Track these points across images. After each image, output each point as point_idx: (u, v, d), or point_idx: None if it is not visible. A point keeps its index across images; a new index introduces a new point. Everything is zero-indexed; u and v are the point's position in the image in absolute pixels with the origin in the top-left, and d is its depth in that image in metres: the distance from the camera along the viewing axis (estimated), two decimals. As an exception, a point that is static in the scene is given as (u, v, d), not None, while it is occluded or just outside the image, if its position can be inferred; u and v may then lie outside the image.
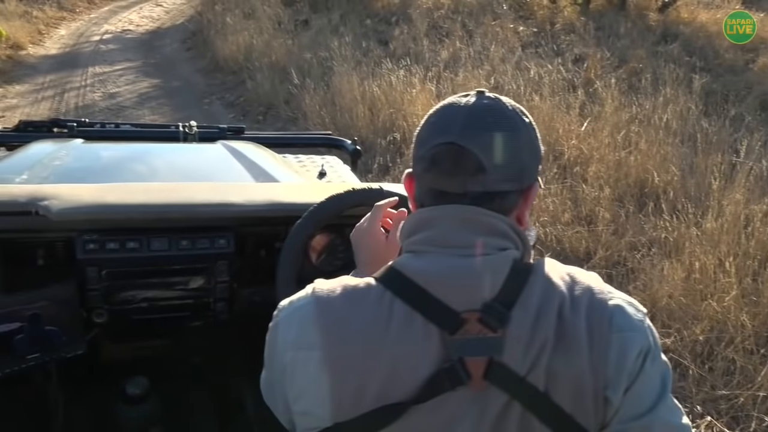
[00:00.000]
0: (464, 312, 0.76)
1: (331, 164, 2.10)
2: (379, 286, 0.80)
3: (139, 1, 13.63)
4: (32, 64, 7.70)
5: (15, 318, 1.23)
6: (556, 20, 9.89)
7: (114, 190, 1.37)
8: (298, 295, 0.85)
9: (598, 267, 3.11)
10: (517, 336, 0.76)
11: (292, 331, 0.81)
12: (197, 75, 7.89)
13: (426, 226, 0.82)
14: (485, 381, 0.75)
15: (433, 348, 0.75)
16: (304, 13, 9.58)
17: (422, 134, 0.85)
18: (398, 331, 0.76)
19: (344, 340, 0.77)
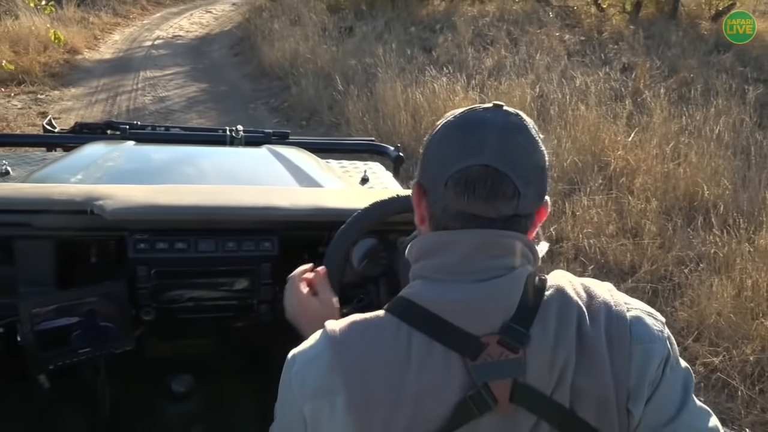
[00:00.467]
0: (484, 336, 0.75)
1: (373, 170, 2.12)
2: (393, 318, 0.79)
3: (190, 8, 14.00)
4: (87, 68, 7.99)
5: (69, 313, 1.27)
6: (603, 29, 9.73)
7: (165, 191, 1.40)
8: (309, 342, 0.83)
9: (642, 281, 3.03)
10: (539, 355, 0.75)
11: (310, 381, 0.79)
12: (244, 80, 8.04)
13: (439, 251, 0.80)
14: (512, 404, 0.74)
15: (456, 376, 0.75)
16: (348, 20, 9.68)
17: (447, 150, 0.80)
18: (419, 362, 0.75)
19: (366, 381, 0.75)
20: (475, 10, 11.23)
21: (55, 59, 7.62)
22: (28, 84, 6.62)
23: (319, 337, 0.82)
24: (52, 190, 1.36)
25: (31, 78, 6.74)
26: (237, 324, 1.51)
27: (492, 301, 0.77)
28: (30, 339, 1.24)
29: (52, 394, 1.35)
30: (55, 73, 7.23)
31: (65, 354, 1.28)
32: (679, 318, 2.82)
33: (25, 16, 8.29)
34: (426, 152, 0.84)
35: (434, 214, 0.82)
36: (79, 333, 1.29)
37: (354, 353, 0.78)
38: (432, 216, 0.82)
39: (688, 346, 2.65)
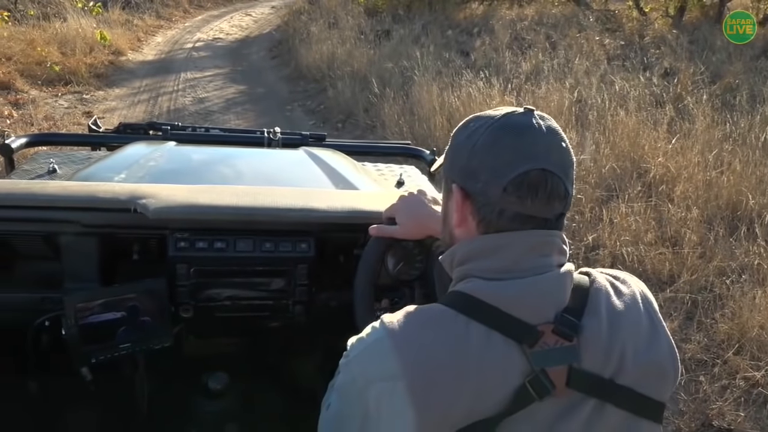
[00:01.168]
0: (539, 325, 0.80)
1: (409, 174, 2.13)
2: (449, 310, 0.83)
3: (230, 11, 14.25)
4: (131, 69, 8.19)
5: (111, 308, 1.31)
6: (645, 33, 9.55)
7: (205, 191, 1.42)
8: (366, 331, 0.87)
9: (682, 291, 2.95)
10: (594, 342, 0.81)
11: (372, 365, 0.83)
12: (281, 82, 8.14)
13: (495, 253, 0.84)
14: (568, 389, 0.79)
15: (515, 362, 0.79)
16: (386, 23, 9.71)
17: (500, 156, 0.83)
18: (479, 350, 0.79)
19: (426, 367, 0.79)
20: (513, 13, 11.14)
21: (100, 60, 7.83)
22: (74, 84, 6.82)
23: (378, 326, 0.85)
24: (98, 189, 1.39)
25: (77, 78, 6.94)
26: (272, 324, 1.52)
27: (546, 294, 0.82)
28: (74, 333, 1.28)
29: (92, 387, 1.38)
30: (100, 74, 7.43)
31: (106, 348, 1.32)
32: (719, 330, 2.74)
33: (73, 18, 8.56)
34: (470, 158, 0.85)
35: (485, 217, 0.85)
36: (120, 328, 1.32)
37: (413, 340, 0.81)
38: (482, 219, 0.85)
39: (728, 359, 2.57)
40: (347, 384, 0.86)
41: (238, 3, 15.69)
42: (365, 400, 0.82)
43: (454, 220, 0.88)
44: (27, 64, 6.93)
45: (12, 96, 6.17)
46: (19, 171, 1.91)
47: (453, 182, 0.88)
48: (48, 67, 6.87)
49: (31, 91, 6.49)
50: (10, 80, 6.40)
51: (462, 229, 0.88)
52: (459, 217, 0.87)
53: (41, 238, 1.37)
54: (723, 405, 2.39)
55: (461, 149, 0.87)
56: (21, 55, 7.05)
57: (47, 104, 6.20)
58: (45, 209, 1.32)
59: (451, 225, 0.90)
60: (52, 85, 6.74)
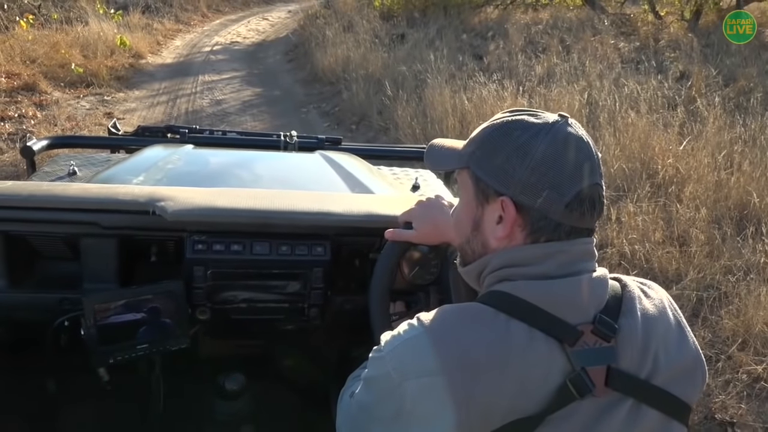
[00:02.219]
0: (579, 325, 0.82)
1: (424, 178, 2.13)
2: (488, 308, 0.83)
3: (248, 15, 14.44)
4: (150, 72, 8.36)
5: (129, 310, 1.33)
6: (660, 37, 9.53)
7: (223, 194, 1.42)
8: (402, 327, 0.86)
9: (688, 289, 3.00)
10: (630, 343, 0.83)
11: (408, 360, 0.82)
12: (297, 85, 8.26)
13: (543, 261, 0.86)
14: (607, 388, 0.81)
15: (557, 361, 0.80)
16: (401, 27, 9.79)
17: (560, 173, 0.83)
18: (521, 348, 0.79)
19: (466, 362, 0.79)
20: (528, 17, 11.17)
21: (120, 63, 8.01)
22: (95, 86, 7.00)
23: (415, 323, 0.85)
24: (117, 191, 1.41)
25: (99, 81, 7.12)
26: (287, 327, 1.53)
27: (587, 295, 0.84)
28: (92, 333, 1.29)
29: (109, 387, 1.40)
30: (121, 77, 7.60)
31: (124, 349, 1.33)
32: (724, 327, 2.78)
33: (95, 22, 8.76)
34: (528, 172, 0.84)
35: (540, 230, 0.86)
36: (138, 330, 1.34)
37: (453, 337, 0.81)
38: (535, 232, 0.86)
39: (732, 354, 2.61)
40: (380, 378, 0.85)
41: (256, 7, 15.88)
42: (400, 395, 0.81)
43: (499, 233, 0.87)
44: (50, 66, 7.12)
45: (36, 97, 6.35)
46: (40, 173, 1.94)
47: (500, 195, 0.86)
48: (71, 69, 7.05)
49: (55, 92, 6.67)
50: (34, 82, 6.59)
51: (506, 241, 0.88)
52: (507, 229, 0.87)
53: (61, 239, 1.39)
54: (726, 399, 2.43)
55: (512, 160, 0.85)
56: (44, 58, 7.25)
57: (70, 105, 6.37)
58: (66, 211, 1.34)
59: (489, 236, 0.89)
60: (74, 87, 6.92)
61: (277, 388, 1.70)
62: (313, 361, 1.73)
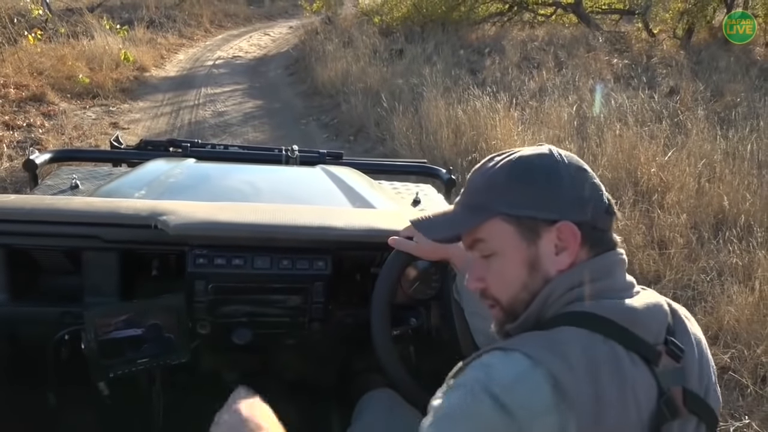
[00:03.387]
0: (656, 345, 0.83)
1: (425, 192, 2.13)
2: (583, 330, 0.80)
3: (250, 31, 14.69)
4: (154, 84, 8.57)
5: (130, 323, 1.32)
6: (653, 53, 9.74)
7: (225, 209, 1.42)
8: (501, 361, 0.79)
9: (666, 289, 3.15)
10: (691, 362, 0.85)
11: (532, 397, 0.75)
12: (297, 98, 8.45)
13: (609, 273, 0.86)
14: (685, 408, 0.82)
15: (649, 382, 0.80)
16: (399, 43, 9.97)
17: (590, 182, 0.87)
18: (630, 370, 0.79)
19: (593, 395, 0.75)
20: (524, 34, 11.37)
21: (125, 76, 8.22)
22: (101, 98, 7.20)
23: (511, 357, 0.79)
24: (120, 205, 1.40)
25: (104, 92, 7.32)
26: (289, 341, 1.52)
27: (656, 313, 0.85)
28: (93, 347, 1.28)
29: (109, 402, 1.38)
30: (126, 88, 7.81)
31: (125, 363, 1.32)
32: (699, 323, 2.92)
33: (100, 36, 8.97)
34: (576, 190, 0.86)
35: (595, 242, 0.86)
36: (139, 343, 1.33)
37: (567, 366, 0.76)
38: (593, 245, 0.86)
39: (705, 349, 2.75)
40: (502, 423, 0.74)
41: (258, 23, 16.14)
42: None
43: (565, 262, 0.86)
44: (57, 78, 7.32)
45: (44, 107, 6.54)
46: (42, 186, 1.94)
47: (553, 222, 0.85)
48: (77, 80, 7.26)
49: (62, 103, 6.86)
50: (42, 93, 6.78)
51: (569, 262, 0.86)
52: (573, 254, 0.85)
53: (63, 253, 1.40)
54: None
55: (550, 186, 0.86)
56: (52, 70, 7.45)
57: (76, 115, 6.56)
58: (68, 224, 1.34)
59: (551, 270, 0.86)
60: (80, 98, 7.12)
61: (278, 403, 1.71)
62: (315, 375, 1.71)
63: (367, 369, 1.54)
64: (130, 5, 13.97)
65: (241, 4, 17.50)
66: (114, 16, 12.53)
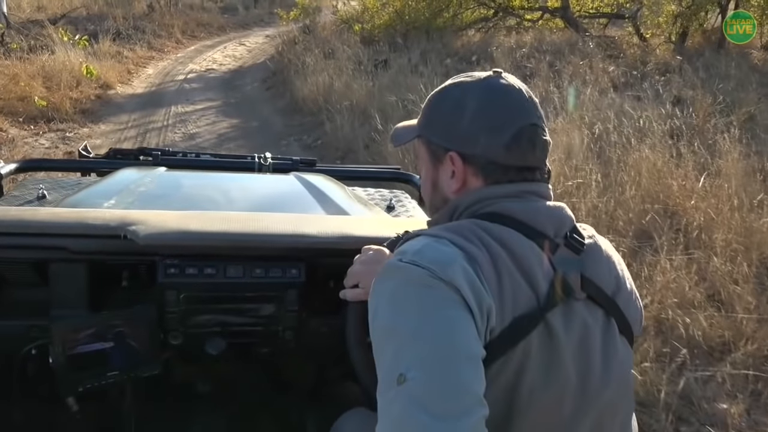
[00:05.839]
0: (555, 239, 0.93)
1: (399, 198, 2.14)
2: (482, 221, 0.92)
3: (224, 41, 14.04)
4: (119, 103, 7.85)
5: (99, 336, 1.29)
6: (648, 59, 9.34)
7: (196, 218, 1.41)
8: (412, 241, 0.90)
9: (742, 366, 2.57)
10: (595, 259, 0.94)
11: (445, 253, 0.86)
12: (276, 115, 7.83)
13: (519, 196, 0.95)
14: (583, 292, 0.91)
15: (544, 265, 0.90)
16: (383, 52, 9.47)
17: (494, 118, 0.93)
18: (519, 248, 0.89)
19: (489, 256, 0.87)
20: (511, 40, 10.95)
21: (86, 95, 7.50)
22: (57, 121, 6.47)
23: (419, 238, 0.90)
24: (87, 215, 1.38)
25: (61, 115, 6.58)
26: (262, 350, 1.52)
27: (560, 215, 0.94)
28: (61, 361, 1.26)
29: (79, 416, 1.37)
30: (86, 109, 7.08)
31: (94, 377, 1.31)
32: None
33: (61, 51, 8.26)
34: (465, 123, 0.93)
35: (491, 175, 0.93)
36: (108, 356, 1.31)
37: (462, 235, 0.88)
38: (488, 177, 0.94)
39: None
40: (415, 282, 0.83)
41: (232, 32, 15.51)
42: (453, 279, 0.82)
43: (453, 186, 0.95)
44: (8, 100, 6.60)
45: (-11, 135, 5.82)
46: (7, 197, 1.90)
47: (447, 150, 0.95)
48: (32, 102, 6.53)
49: (11, 129, 6.13)
50: (-12, 118, 6.07)
51: (463, 191, 0.95)
52: (459, 181, 0.94)
53: (29, 265, 1.37)
54: None
55: (451, 117, 0.94)
56: (2, 91, 6.72)
57: (27, 144, 5.84)
58: (34, 236, 1.32)
59: (446, 191, 0.96)
60: (34, 122, 6.39)
61: (251, 412, 1.69)
62: (289, 384, 1.72)
63: (342, 377, 1.58)
64: (97, 16, 13.28)
65: (215, 13, 16.89)
66: (78, 27, 11.90)
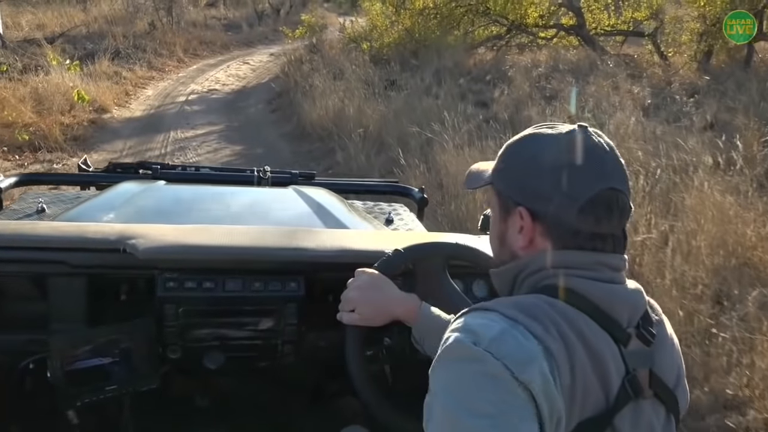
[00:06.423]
0: (627, 328, 0.87)
1: (398, 212, 2.17)
2: (557, 301, 0.84)
3: (227, 59, 13.64)
4: (114, 129, 7.37)
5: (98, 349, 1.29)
6: (671, 79, 8.87)
7: (195, 231, 1.44)
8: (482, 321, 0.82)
9: None
10: (663, 351, 0.89)
11: (515, 349, 0.79)
12: (282, 141, 7.34)
13: (594, 267, 0.87)
14: (650, 390, 0.86)
15: (616, 360, 0.84)
16: (394, 72, 9.01)
17: (573, 178, 0.85)
18: (592, 339, 0.82)
19: (565, 348, 0.81)
20: (527, 59, 10.50)
21: (80, 120, 7.02)
22: (45, 151, 5.98)
23: (489, 317, 0.83)
24: (87, 229, 1.41)
25: (49, 143, 6.09)
26: (261, 364, 1.51)
27: (633, 301, 0.88)
28: (59, 375, 1.26)
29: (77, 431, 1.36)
30: (78, 136, 6.60)
31: (93, 391, 1.30)
32: None
33: (57, 71, 7.80)
34: (539, 180, 0.87)
35: (561, 238, 0.87)
36: (107, 370, 1.30)
37: (546, 325, 0.80)
38: (557, 240, 0.87)
39: None
40: (489, 375, 0.76)
41: (236, 50, 15.11)
42: (531, 382, 0.75)
43: (520, 242, 0.90)
44: (-7, 127, 6.12)
45: (-31, 167, 5.32)
46: (7, 211, 1.93)
47: (517, 204, 0.90)
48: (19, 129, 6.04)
49: (-6, 160, 5.64)
50: (-31, 148, 5.58)
51: (530, 250, 0.90)
52: (527, 239, 0.89)
53: (28, 279, 1.38)
54: None
55: (525, 171, 0.89)
56: (-12, 117, 6.25)
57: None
58: (33, 250, 1.34)
59: (513, 246, 0.91)
60: (19, 151, 5.91)
61: (250, 426, 1.68)
62: (288, 398, 1.71)
63: (341, 391, 1.59)
64: (96, 35, 12.90)
65: (218, 31, 16.51)
66: (77, 46, 11.50)
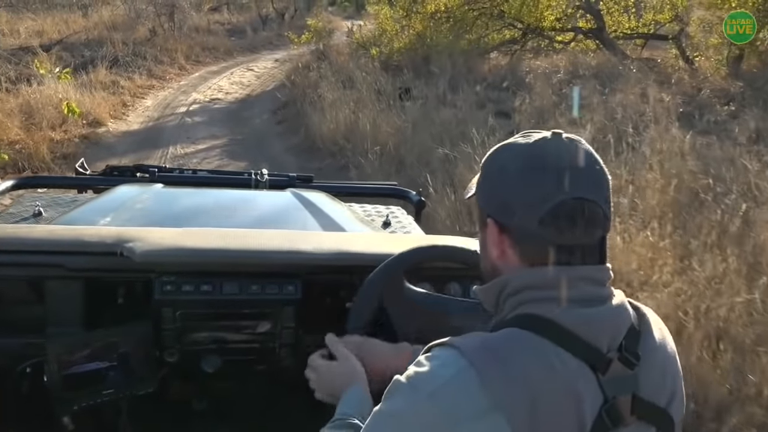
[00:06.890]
0: (609, 353, 0.82)
1: (395, 215, 2.19)
2: (532, 335, 0.80)
3: (231, 66, 13.16)
4: (109, 144, 6.87)
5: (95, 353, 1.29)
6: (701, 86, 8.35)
7: (193, 235, 1.45)
8: (436, 359, 0.81)
9: None
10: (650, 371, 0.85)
11: (461, 401, 0.77)
12: (288, 155, 6.83)
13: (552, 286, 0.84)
14: (632, 416, 0.82)
15: (592, 390, 0.80)
16: (407, 80, 8.49)
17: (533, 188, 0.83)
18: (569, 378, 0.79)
19: (523, 396, 0.77)
20: (544, 63, 9.97)
21: (71, 135, 6.54)
22: (29, 172, 5.48)
23: (454, 355, 0.80)
24: (84, 232, 1.42)
25: (35, 163, 5.60)
26: (259, 367, 1.50)
27: (615, 324, 0.84)
28: (56, 379, 1.26)
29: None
30: (68, 154, 6.10)
31: (89, 395, 1.30)
32: None
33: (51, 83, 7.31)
34: (503, 191, 0.86)
35: (527, 250, 0.84)
36: (104, 374, 1.30)
37: (503, 369, 0.78)
38: (524, 252, 0.85)
39: None
40: (424, 425, 0.77)
41: (240, 56, 14.63)
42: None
43: (494, 254, 0.89)
44: (-25, 144, 5.62)
45: (-56, 192, 4.80)
46: (4, 214, 1.95)
47: (488, 216, 0.88)
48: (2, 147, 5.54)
49: (-27, 182, 5.13)
50: (-54, 169, 5.08)
51: (503, 261, 0.88)
52: (498, 250, 0.88)
53: (25, 282, 1.39)
54: None
55: (493, 182, 0.88)
56: (-30, 134, 5.75)
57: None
58: (30, 253, 1.34)
59: (491, 257, 0.89)
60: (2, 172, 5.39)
61: (247, 430, 1.67)
62: (285, 402, 1.66)
63: None
64: (95, 42, 12.43)
65: (222, 36, 16.04)
66: (74, 54, 11.03)
